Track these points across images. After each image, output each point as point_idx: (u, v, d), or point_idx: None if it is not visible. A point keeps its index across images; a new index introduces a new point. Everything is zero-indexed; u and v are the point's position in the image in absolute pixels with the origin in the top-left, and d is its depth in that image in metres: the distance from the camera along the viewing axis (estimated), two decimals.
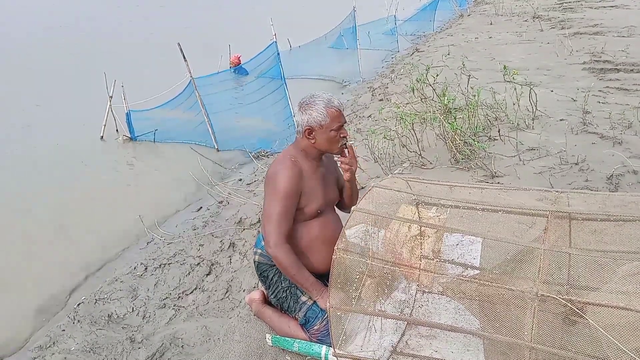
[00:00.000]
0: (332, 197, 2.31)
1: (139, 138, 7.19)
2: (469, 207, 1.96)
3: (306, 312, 2.16)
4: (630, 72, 6.44)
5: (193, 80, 6.71)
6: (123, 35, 17.74)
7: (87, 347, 2.77)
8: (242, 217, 3.99)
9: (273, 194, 2.10)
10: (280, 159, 2.17)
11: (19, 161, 6.42)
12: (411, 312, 2.18)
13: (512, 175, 3.73)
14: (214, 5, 27.75)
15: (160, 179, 5.86)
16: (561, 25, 10.81)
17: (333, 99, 2.14)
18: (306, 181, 2.15)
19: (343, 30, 12.29)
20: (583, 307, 1.64)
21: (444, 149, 4.27)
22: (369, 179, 4.05)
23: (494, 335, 1.73)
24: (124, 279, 3.46)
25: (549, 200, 2.01)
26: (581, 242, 1.84)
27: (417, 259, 2.28)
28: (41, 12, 27.15)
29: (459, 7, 17.70)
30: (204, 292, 3.17)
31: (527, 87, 4.85)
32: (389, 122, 5.31)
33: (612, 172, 3.54)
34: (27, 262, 4.14)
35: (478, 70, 7.19)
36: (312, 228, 2.21)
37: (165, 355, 2.61)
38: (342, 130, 2.14)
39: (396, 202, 2.14)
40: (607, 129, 4.40)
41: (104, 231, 4.60)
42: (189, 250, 3.72)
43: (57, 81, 11.12)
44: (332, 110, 2.10)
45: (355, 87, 9.91)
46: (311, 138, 2.13)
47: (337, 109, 2.12)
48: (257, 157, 6.15)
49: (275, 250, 2.10)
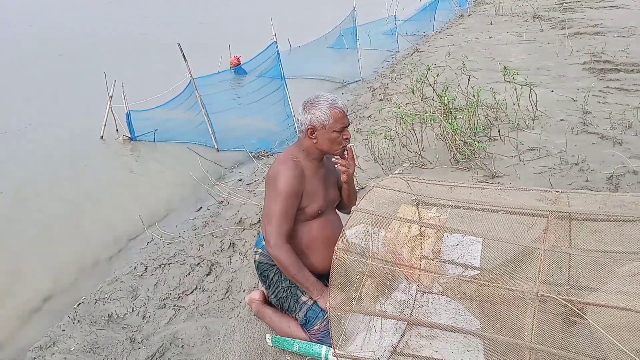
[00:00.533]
0: (332, 198, 2.31)
1: (139, 138, 7.19)
2: (469, 207, 1.96)
3: (306, 312, 2.16)
4: (631, 72, 6.44)
5: (193, 80, 6.71)
6: (123, 35, 17.74)
7: (87, 347, 2.77)
8: (242, 217, 3.99)
9: (274, 194, 2.10)
10: (281, 159, 2.16)
11: (18, 161, 6.42)
12: (411, 312, 2.18)
13: (512, 176, 3.73)
14: (214, 5, 27.76)
15: (160, 179, 5.86)
16: (561, 26, 10.81)
17: (338, 100, 2.13)
18: (307, 181, 2.15)
19: (343, 30, 12.28)
20: (583, 307, 1.64)
21: (444, 149, 4.27)
22: (369, 179, 4.05)
23: (494, 336, 1.73)
24: (124, 279, 3.46)
25: (549, 200, 2.00)
26: (581, 243, 1.84)
27: (417, 259, 2.29)
28: (41, 12, 27.15)
29: (459, 7, 17.71)
30: (204, 292, 3.17)
31: (527, 87, 4.85)
32: (389, 122, 5.32)
33: (612, 172, 3.54)
34: (26, 263, 4.13)
35: (478, 70, 7.19)
36: (312, 228, 2.21)
37: (166, 355, 2.61)
38: (345, 132, 2.14)
39: (396, 202, 2.14)
40: (607, 129, 4.40)
41: (104, 231, 4.59)
42: (189, 250, 3.72)
43: (57, 81, 11.13)
44: (336, 111, 2.10)
45: (355, 87, 9.91)
46: (313, 138, 2.12)
47: (341, 110, 2.11)
48: (257, 157, 6.15)
49: (275, 250, 2.10)
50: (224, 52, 10.87)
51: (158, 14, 24.54)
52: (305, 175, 2.14)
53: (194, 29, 18.44)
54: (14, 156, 6.60)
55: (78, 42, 16.41)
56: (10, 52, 15.04)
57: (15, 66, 13.00)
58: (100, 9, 27.04)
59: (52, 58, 13.97)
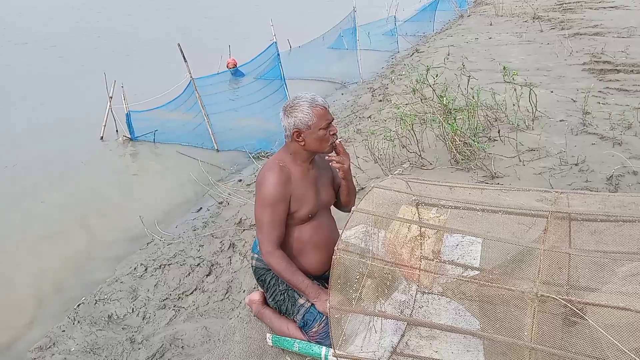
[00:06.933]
0: (325, 200, 2.27)
1: (138, 138, 7.20)
2: (469, 207, 1.96)
3: (304, 315, 2.15)
4: (630, 72, 6.45)
5: (193, 80, 6.72)
6: (123, 36, 17.74)
7: (87, 348, 2.77)
8: (242, 217, 3.99)
9: (261, 202, 2.09)
10: (268, 165, 2.14)
11: (18, 161, 6.42)
12: (411, 312, 2.18)
13: (512, 176, 3.73)
14: (214, 5, 27.77)
15: (160, 180, 5.86)
16: (561, 26, 10.82)
17: (316, 97, 2.09)
18: (295, 186, 2.11)
19: (343, 31, 12.29)
20: (583, 307, 1.64)
21: (443, 149, 4.27)
22: (369, 179, 4.05)
23: (494, 336, 1.73)
24: (124, 280, 3.46)
25: (548, 200, 2.01)
26: (581, 243, 1.84)
27: (417, 260, 2.28)
28: (41, 12, 27.16)
29: (459, 8, 17.72)
30: (204, 293, 3.17)
31: (527, 87, 4.85)
32: (389, 122, 5.32)
33: (612, 172, 3.54)
34: (26, 263, 4.14)
35: (478, 70, 7.19)
36: (303, 232, 2.19)
37: (165, 355, 2.61)
38: (331, 127, 2.09)
39: (396, 202, 2.14)
40: (607, 130, 4.40)
41: (104, 232, 4.60)
42: (189, 250, 3.71)
43: (57, 81, 11.13)
44: (318, 109, 2.05)
45: (355, 88, 9.91)
46: (300, 140, 2.07)
47: (322, 107, 2.06)
48: (257, 157, 6.15)
49: (267, 258, 2.10)
50: (224, 53, 10.88)
51: (158, 15, 24.55)
52: (293, 179, 2.11)
53: (194, 30, 18.44)
54: (14, 156, 6.60)
55: (78, 43, 16.42)
56: (10, 52, 15.04)
57: (15, 66, 13.01)
58: (100, 9, 27.04)
59: (52, 59, 13.97)
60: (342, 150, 2.15)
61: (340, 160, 2.14)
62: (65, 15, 25.48)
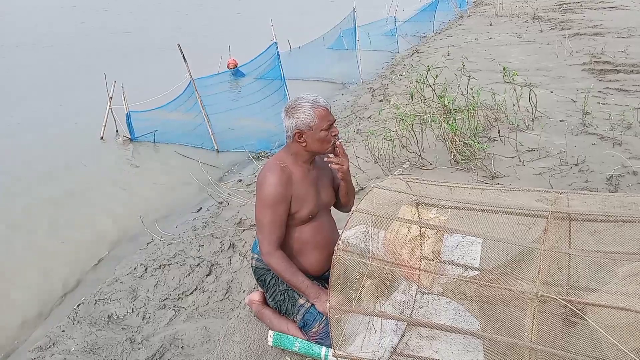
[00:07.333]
0: (325, 201, 2.26)
1: (138, 139, 7.20)
2: (469, 208, 1.96)
3: (304, 315, 2.15)
4: (630, 73, 6.45)
5: (193, 81, 6.72)
6: (123, 36, 17.74)
7: (86, 348, 2.77)
8: (242, 217, 3.99)
9: (262, 202, 2.09)
10: (268, 165, 2.13)
11: (18, 161, 6.42)
12: (411, 313, 2.18)
13: (512, 176, 3.73)
14: (214, 5, 27.78)
15: (160, 180, 5.86)
16: (561, 26, 10.83)
17: (318, 98, 2.09)
18: (296, 186, 2.11)
19: (343, 31, 12.30)
20: (583, 307, 1.64)
21: (443, 149, 4.27)
22: (369, 179, 4.05)
23: (494, 336, 1.73)
24: (123, 280, 3.46)
25: (548, 201, 2.01)
26: (581, 243, 1.84)
27: (417, 260, 2.29)
28: (41, 12, 27.16)
29: (459, 8, 17.74)
30: (204, 293, 3.17)
31: (526, 88, 4.85)
32: (389, 123, 5.32)
33: (612, 173, 3.54)
34: (26, 263, 4.14)
35: (478, 71, 7.20)
36: (303, 233, 2.19)
37: (165, 355, 2.61)
38: (333, 128, 2.09)
39: (396, 203, 2.14)
40: (607, 130, 4.40)
41: (104, 232, 4.60)
42: (188, 251, 3.71)
43: (57, 81, 11.13)
44: (319, 110, 2.05)
45: (355, 88, 9.92)
46: (302, 141, 2.07)
47: (324, 108, 2.07)
48: (257, 158, 6.15)
49: (267, 258, 2.10)
50: (224, 53, 10.88)
51: (158, 15, 24.55)
52: (294, 180, 2.11)
53: (194, 30, 18.44)
54: (14, 156, 6.60)
55: (78, 43, 16.42)
56: (10, 52, 15.04)
57: (15, 67, 13.00)
58: (100, 10, 27.05)
59: (52, 59, 13.97)
60: (342, 152, 2.15)
61: (340, 162, 2.14)
62: (65, 15, 25.49)
